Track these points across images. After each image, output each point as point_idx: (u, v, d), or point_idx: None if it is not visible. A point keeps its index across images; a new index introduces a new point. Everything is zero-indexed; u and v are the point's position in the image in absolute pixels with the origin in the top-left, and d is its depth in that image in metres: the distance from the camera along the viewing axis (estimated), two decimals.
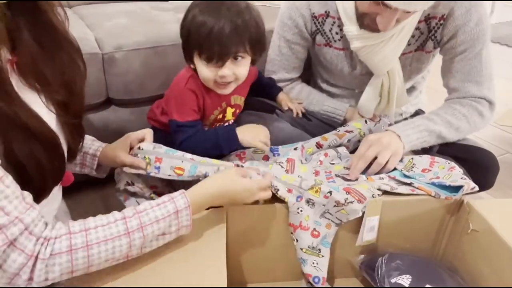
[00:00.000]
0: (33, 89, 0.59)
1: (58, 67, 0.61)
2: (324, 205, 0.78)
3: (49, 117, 0.60)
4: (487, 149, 0.99)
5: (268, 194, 0.75)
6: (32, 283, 0.55)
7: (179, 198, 0.64)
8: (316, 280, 0.79)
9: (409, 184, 0.81)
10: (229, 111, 0.97)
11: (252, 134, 0.88)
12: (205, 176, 0.76)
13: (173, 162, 0.77)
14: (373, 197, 0.78)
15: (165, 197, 0.64)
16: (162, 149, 0.80)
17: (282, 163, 0.86)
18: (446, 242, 0.86)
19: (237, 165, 0.82)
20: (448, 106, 0.98)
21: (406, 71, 1.02)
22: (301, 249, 0.79)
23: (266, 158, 0.93)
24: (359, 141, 0.95)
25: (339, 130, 0.99)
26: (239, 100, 0.99)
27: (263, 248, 0.83)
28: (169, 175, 0.77)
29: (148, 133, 0.84)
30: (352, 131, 0.99)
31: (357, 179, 0.85)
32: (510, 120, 2.00)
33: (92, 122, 1.17)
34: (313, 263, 0.79)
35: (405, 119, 1.14)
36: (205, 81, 0.87)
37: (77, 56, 0.65)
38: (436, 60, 1.07)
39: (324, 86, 1.15)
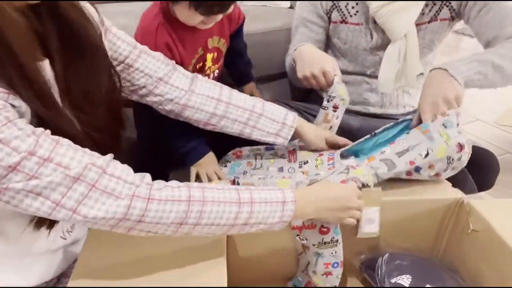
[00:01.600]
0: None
1: (80, 75, 0.60)
2: None
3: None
4: (488, 149, 0.99)
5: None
6: (144, 221, 0.55)
7: (287, 191, 0.65)
8: (336, 265, 0.79)
9: (407, 150, 0.80)
10: (209, 57, 0.92)
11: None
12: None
13: None
14: (367, 185, 0.77)
15: (273, 186, 0.66)
16: None
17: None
18: (446, 242, 0.86)
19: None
20: (487, 50, 0.95)
21: (420, 45, 1.03)
22: (314, 245, 0.78)
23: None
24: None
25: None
26: (218, 42, 0.93)
27: (263, 249, 0.83)
28: None
29: None
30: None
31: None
32: (510, 120, 2.00)
33: None
34: (332, 253, 0.78)
35: (408, 113, 1.14)
36: (187, 22, 0.82)
37: (103, 67, 0.64)
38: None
39: None
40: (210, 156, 0.91)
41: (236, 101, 0.84)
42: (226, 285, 0.61)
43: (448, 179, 0.85)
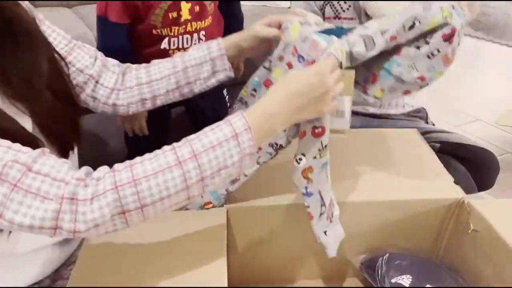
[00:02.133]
0: None
1: (18, 63, 0.57)
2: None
3: (21, 118, 0.57)
4: (488, 149, 0.99)
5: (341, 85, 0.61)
6: (80, 230, 0.49)
7: (236, 119, 0.55)
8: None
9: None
10: (184, 6, 0.85)
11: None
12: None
13: None
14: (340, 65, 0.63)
15: (220, 122, 0.55)
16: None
17: None
18: (446, 242, 0.86)
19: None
20: None
21: None
22: (315, 157, 0.66)
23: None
24: None
25: None
26: None
27: (264, 248, 0.83)
28: None
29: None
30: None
31: None
32: (510, 120, 2.00)
33: (92, 122, 1.17)
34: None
35: (408, 113, 1.14)
36: None
37: (41, 52, 0.61)
38: None
39: None
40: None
41: (156, 75, 0.78)
42: (226, 285, 0.61)
43: None
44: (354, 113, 1.15)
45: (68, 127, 0.66)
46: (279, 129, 0.59)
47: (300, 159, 0.66)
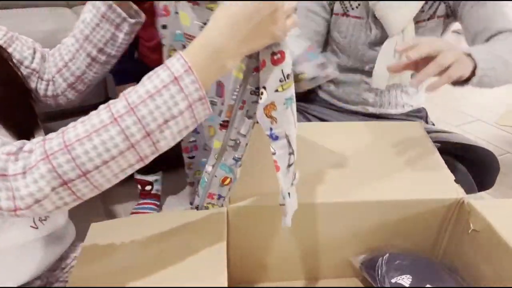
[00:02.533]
0: None
1: None
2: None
3: None
4: (488, 149, 0.99)
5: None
6: (20, 207, 0.46)
7: (173, 61, 0.47)
8: None
9: None
10: None
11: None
12: None
13: None
14: None
15: (157, 68, 0.49)
16: None
17: None
18: (446, 242, 0.86)
19: None
20: (490, 42, 0.93)
21: None
22: (276, 90, 0.59)
23: None
24: None
25: None
26: None
27: (264, 248, 0.83)
28: None
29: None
30: None
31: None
32: (510, 120, 2.00)
33: None
34: None
35: (408, 113, 1.14)
36: None
37: None
38: None
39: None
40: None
41: (68, 55, 0.73)
42: (226, 285, 0.61)
43: None
44: (354, 113, 1.15)
45: (25, 114, 0.64)
46: (230, 65, 0.50)
47: (262, 93, 0.59)
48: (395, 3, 0.97)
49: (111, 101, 0.47)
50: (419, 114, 1.17)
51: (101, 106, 0.48)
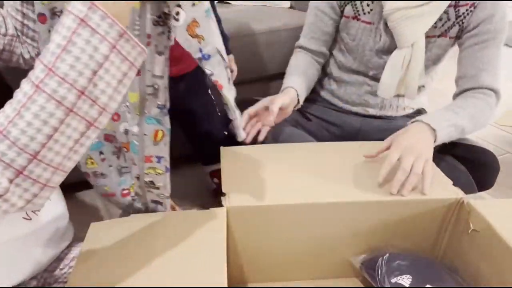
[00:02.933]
0: None
1: None
2: None
3: None
4: (488, 149, 0.99)
5: None
6: None
7: (74, 4, 0.41)
8: None
9: None
10: None
11: None
12: None
13: None
14: None
15: (60, 18, 0.43)
16: None
17: None
18: (446, 242, 0.86)
19: None
20: (466, 99, 0.97)
21: (426, 57, 1.03)
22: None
23: None
24: None
25: None
26: None
27: (264, 248, 0.83)
28: None
29: None
30: None
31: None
32: (510, 120, 2.00)
33: None
34: None
35: (407, 116, 1.14)
36: None
37: None
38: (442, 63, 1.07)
39: (335, 72, 1.15)
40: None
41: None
42: (226, 285, 0.61)
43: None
44: (354, 114, 1.15)
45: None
46: None
47: (178, 13, 0.54)
48: (410, 16, 0.95)
49: (30, 72, 0.42)
50: (418, 116, 1.17)
51: (22, 81, 0.43)
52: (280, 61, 1.36)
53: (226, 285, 0.61)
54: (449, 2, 0.96)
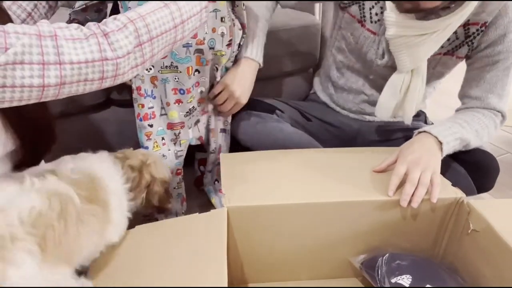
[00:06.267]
0: None
1: None
2: None
3: None
4: (488, 151, 0.99)
5: None
6: (119, 56, 0.58)
7: None
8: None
9: None
10: None
11: None
12: None
13: None
14: None
15: None
16: None
17: None
18: (446, 242, 0.86)
19: None
20: (473, 114, 0.95)
21: (428, 74, 1.00)
22: None
23: None
24: None
25: None
26: None
27: (264, 248, 0.83)
28: None
29: None
30: None
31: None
32: (510, 120, 2.00)
33: (92, 122, 1.17)
34: None
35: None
36: None
37: None
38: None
39: (333, 75, 1.15)
40: None
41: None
42: (226, 285, 0.61)
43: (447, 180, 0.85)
44: (352, 120, 1.15)
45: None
46: None
47: (151, 68, 0.88)
48: (411, 44, 0.92)
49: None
50: (417, 118, 1.16)
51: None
52: (279, 61, 1.36)
53: (226, 285, 0.61)
54: (454, 29, 0.92)
